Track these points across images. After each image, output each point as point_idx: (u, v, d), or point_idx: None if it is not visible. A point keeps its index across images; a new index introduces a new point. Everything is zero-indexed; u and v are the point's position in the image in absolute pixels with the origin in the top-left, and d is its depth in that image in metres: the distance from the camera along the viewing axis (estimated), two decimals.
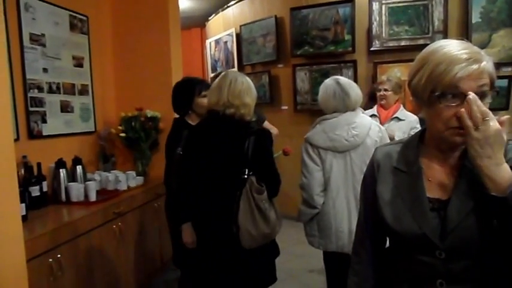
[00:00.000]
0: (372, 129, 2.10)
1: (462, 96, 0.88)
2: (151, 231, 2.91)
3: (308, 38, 4.19)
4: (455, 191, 0.95)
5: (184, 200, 1.93)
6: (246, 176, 1.83)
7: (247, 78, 1.95)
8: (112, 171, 2.90)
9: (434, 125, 0.94)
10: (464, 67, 0.88)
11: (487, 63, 0.91)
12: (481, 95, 0.89)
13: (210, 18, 5.88)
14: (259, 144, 1.86)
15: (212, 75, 5.65)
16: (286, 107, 4.55)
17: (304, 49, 4.23)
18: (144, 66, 3.41)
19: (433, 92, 0.91)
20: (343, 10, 4.01)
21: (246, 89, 1.89)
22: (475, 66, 0.88)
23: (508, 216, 0.85)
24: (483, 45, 3.76)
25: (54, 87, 2.72)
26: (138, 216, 2.76)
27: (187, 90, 2.31)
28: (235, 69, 5.07)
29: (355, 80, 3.81)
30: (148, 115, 3.15)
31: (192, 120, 2.28)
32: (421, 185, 0.98)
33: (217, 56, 5.54)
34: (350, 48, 4.01)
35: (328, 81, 2.20)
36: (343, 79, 2.19)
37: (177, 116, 2.39)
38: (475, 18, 3.74)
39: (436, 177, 0.99)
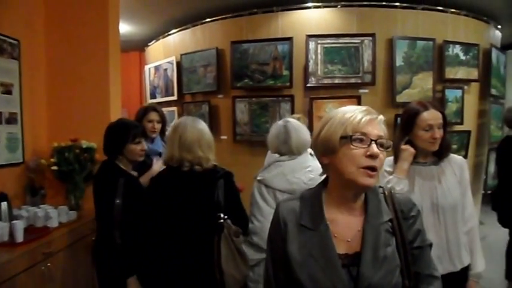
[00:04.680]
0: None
1: (368, 140, 1.02)
2: (84, 269, 2.74)
3: (248, 71, 4.32)
4: (365, 248, 1.02)
5: (133, 252, 1.87)
6: (222, 221, 1.81)
7: (199, 125, 1.94)
8: (41, 206, 2.71)
9: (345, 167, 1.03)
10: (366, 114, 1.04)
11: (381, 121, 1.08)
12: (381, 144, 1.04)
13: (149, 43, 5.82)
14: (228, 187, 1.88)
15: (150, 101, 5.56)
16: (225, 137, 4.59)
17: (244, 82, 4.34)
18: (81, 93, 3.27)
19: (344, 135, 1.03)
20: (281, 47, 4.21)
21: (196, 139, 1.87)
22: (374, 116, 1.05)
23: None
24: (406, 86, 4.16)
25: None
26: (70, 254, 2.59)
27: (120, 134, 2.18)
28: (175, 97, 5.05)
29: (292, 114, 3.99)
30: (84, 146, 3.01)
31: (124, 165, 2.18)
32: (331, 243, 1.04)
33: (157, 83, 5.47)
34: (288, 83, 4.19)
35: (279, 122, 2.23)
36: (293, 122, 2.21)
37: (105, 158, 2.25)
38: (399, 61, 4.13)
39: (340, 233, 1.06)
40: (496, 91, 4.92)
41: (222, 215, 1.82)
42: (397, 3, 4.14)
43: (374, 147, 1.01)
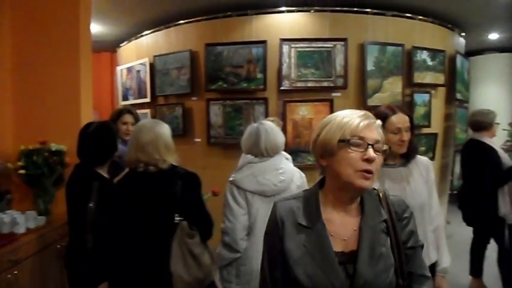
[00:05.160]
0: (295, 175, 2.20)
1: (366, 144, 1.05)
2: (54, 276, 2.66)
3: (222, 74, 4.32)
4: (361, 246, 1.06)
5: (105, 258, 1.84)
6: (176, 222, 1.83)
7: (156, 127, 1.94)
8: (7, 212, 2.61)
9: (342, 170, 1.07)
10: (364, 119, 1.07)
11: (379, 126, 1.10)
12: (377, 149, 1.07)
13: (121, 44, 5.72)
14: (186, 188, 1.87)
15: (122, 103, 5.47)
16: (199, 140, 4.58)
17: (218, 84, 4.34)
18: (50, 94, 3.17)
19: (342, 139, 1.06)
20: (256, 50, 4.23)
21: (151, 140, 1.87)
22: (372, 120, 1.08)
23: None
24: (376, 90, 4.27)
25: None
26: (39, 261, 2.51)
27: (112, 136, 2.17)
28: (148, 99, 4.99)
29: (266, 116, 4.02)
30: (53, 149, 2.93)
31: (104, 170, 2.16)
32: (327, 241, 1.07)
33: (129, 85, 5.39)
34: (262, 86, 4.22)
35: (255, 123, 2.24)
36: (267, 124, 2.22)
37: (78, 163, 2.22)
38: (370, 66, 4.23)
39: (336, 231, 1.10)
40: (460, 95, 5.13)
41: (176, 216, 1.84)
42: (368, 10, 4.25)
43: (371, 152, 1.04)
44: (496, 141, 3.47)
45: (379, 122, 1.12)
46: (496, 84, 6.89)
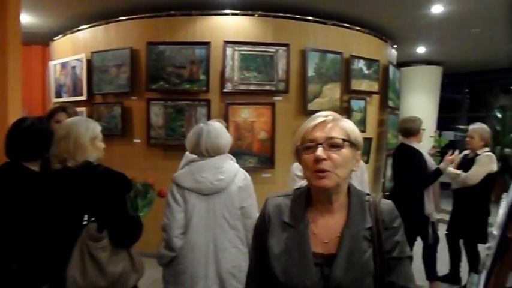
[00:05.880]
0: (237, 176, 2.16)
1: (315, 145, 1.07)
2: None
3: (164, 74, 4.22)
4: (340, 251, 1.07)
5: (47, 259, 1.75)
6: (85, 223, 1.73)
7: (75, 123, 1.86)
8: None
9: (305, 173, 1.11)
10: (314, 121, 1.10)
11: (336, 121, 1.11)
12: (332, 145, 1.08)
13: (55, 38, 5.38)
14: (100, 188, 1.77)
15: (55, 100, 5.15)
16: (138, 141, 4.43)
17: (160, 84, 4.24)
18: None
19: (297, 146, 1.10)
20: (199, 51, 4.20)
21: (63, 137, 1.81)
22: (320, 120, 1.11)
23: None
24: (316, 95, 4.42)
25: None
26: None
27: (48, 132, 2.01)
28: (84, 97, 4.74)
29: (208, 118, 3.99)
30: None
31: (36, 167, 2.01)
32: (307, 241, 1.09)
33: (63, 81, 5.07)
34: (204, 88, 4.20)
35: (201, 123, 2.23)
36: (212, 125, 2.20)
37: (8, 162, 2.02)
38: (310, 72, 4.38)
39: (320, 233, 1.11)
40: (392, 103, 5.48)
41: (85, 217, 1.74)
42: (310, 17, 4.40)
43: (317, 151, 1.05)
44: (422, 145, 3.75)
45: (330, 118, 1.11)
46: (423, 94, 7.49)
